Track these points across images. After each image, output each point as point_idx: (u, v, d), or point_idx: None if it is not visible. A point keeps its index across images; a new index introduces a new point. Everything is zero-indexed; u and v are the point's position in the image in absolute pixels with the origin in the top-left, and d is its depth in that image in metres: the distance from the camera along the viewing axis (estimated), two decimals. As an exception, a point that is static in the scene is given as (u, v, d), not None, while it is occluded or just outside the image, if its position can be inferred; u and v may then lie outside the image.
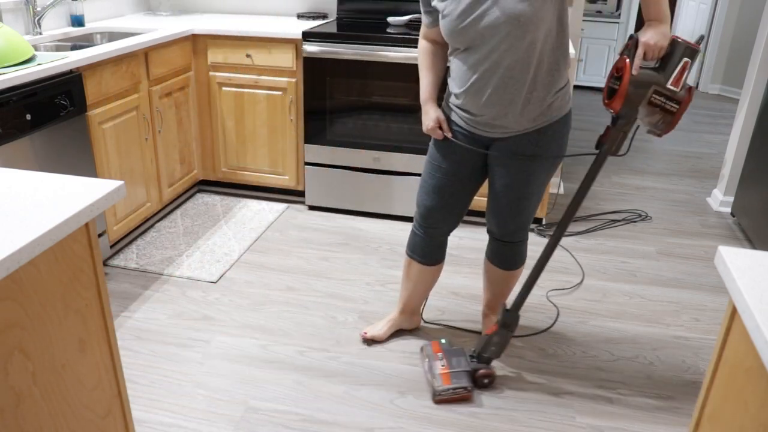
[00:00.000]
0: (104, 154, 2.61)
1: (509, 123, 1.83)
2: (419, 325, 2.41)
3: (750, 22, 6.14)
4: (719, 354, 1.09)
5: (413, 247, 2.16)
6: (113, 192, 1.16)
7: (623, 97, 1.68)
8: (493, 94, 1.78)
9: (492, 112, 1.81)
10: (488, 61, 1.74)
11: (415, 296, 2.26)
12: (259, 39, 3.12)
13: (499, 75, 1.74)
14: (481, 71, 1.76)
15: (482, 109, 1.82)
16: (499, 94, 1.77)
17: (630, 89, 1.67)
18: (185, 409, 1.97)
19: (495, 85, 1.76)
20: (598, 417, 1.99)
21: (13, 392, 1.04)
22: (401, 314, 2.33)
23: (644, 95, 1.68)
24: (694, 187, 3.93)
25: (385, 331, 2.31)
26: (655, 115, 1.71)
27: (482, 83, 1.78)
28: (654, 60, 1.67)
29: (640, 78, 1.67)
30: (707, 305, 2.62)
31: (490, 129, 1.87)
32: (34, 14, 2.81)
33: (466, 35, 1.73)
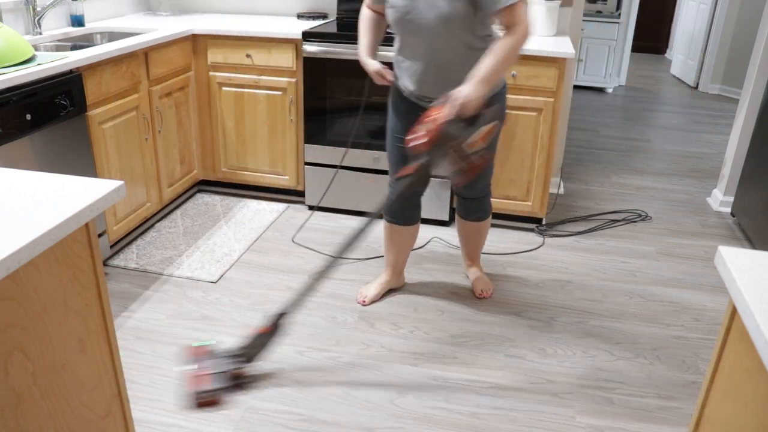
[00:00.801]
0: (104, 154, 2.61)
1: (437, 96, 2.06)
2: (404, 283, 2.68)
3: (750, 22, 6.14)
4: (719, 354, 1.09)
5: (391, 213, 2.41)
6: (113, 192, 1.16)
7: (431, 142, 1.85)
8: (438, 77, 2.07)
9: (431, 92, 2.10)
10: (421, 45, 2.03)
11: (400, 257, 2.53)
12: (259, 39, 3.12)
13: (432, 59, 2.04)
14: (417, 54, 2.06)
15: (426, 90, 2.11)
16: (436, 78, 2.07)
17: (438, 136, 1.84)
18: (185, 409, 1.97)
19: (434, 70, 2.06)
20: (598, 417, 1.99)
21: (13, 392, 1.04)
22: (391, 276, 2.59)
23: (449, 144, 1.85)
24: (694, 187, 3.93)
25: (377, 293, 2.56)
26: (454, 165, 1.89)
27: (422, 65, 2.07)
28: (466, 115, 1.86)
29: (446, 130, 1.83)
30: (707, 305, 2.62)
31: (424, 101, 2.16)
32: (34, 14, 2.81)
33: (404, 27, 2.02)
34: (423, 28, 1.99)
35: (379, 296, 2.56)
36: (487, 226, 2.55)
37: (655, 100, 6.23)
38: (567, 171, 4.09)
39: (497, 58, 1.89)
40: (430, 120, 1.86)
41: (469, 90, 1.86)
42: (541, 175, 3.03)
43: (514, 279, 2.76)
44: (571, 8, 3.30)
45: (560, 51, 2.79)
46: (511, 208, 3.15)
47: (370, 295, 2.54)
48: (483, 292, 2.61)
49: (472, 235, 2.58)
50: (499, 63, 1.89)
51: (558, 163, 3.63)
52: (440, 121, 1.82)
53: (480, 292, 2.61)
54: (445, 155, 1.87)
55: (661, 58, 8.55)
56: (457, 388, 2.09)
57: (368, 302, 2.52)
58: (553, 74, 2.84)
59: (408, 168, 1.94)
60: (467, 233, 2.58)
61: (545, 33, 3.17)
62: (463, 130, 1.85)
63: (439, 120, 1.82)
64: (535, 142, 2.98)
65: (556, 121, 2.92)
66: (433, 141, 1.84)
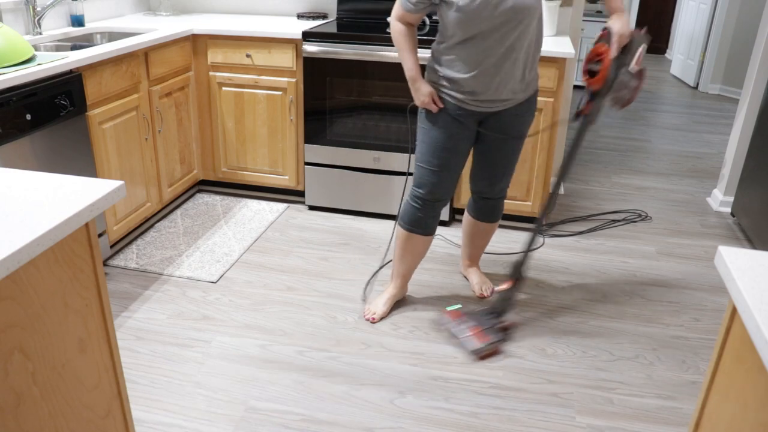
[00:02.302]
0: (104, 154, 2.61)
1: (510, 96, 2.13)
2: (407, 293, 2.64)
3: (750, 22, 6.14)
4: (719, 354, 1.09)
5: (416, 223, 2.33)
6: (113, 192, 1.16)
7: (605, 77, 2.03)
8: (506, 75, 2.06)
9: (499, 90, 2.09)
10: (501, 46, 2.00)
11: (412, 268, 2.47)
12: (259, 39, 3.12)
13: (509, 58, 2.03)
14: (494, 55, 2.02)
15: (490, 88, 2.08)
16: (510, 74, 2.07)
17: (610, 70, 2.02)
18: (185, 409, 1.97)
19: (505, 66, 2.05)
20: (598, 417, 1.99)
21: (13, 392, 1.04)
22: (401, 288, 2.51)
23: (618, 76, 2.04)
24: (694, 187, 3.93)
25: (387, 309, 2.48)
26: (621, 90, 2.07)
27: (494, 66, 2.04)
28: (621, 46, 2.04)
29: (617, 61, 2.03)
30: (707, 305, 2.62)
31: (491, 104, 2.14)
32: (34, 14, 2.81)
33: (481, 24, 1.96)
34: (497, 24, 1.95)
35: (388, 312, 2.48)
36: (495, 228, 2.55)
37: (655, 100, 6.23)
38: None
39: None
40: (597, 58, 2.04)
41: (621, 22, 2.00)
42: (541, 175, 3.04)
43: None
44: (571, 8, 3.30)
45: (560, 51, 2.79)
46: (511, 208, 3.15)
47: (380, 311, 2.44)
48: (484, 291, 2.61)
49: (479, 237, 2.57)
50: None
51: (558, 163, 3.63)
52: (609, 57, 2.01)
53: (482, 291, 2.61)
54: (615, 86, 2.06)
55: (661, 58, 8.55)
56: (457, 388, 2.09)
57: (378, 319, 2.43)
58: (553, 74, 2.84)
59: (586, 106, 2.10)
60: (475, 234, 2.56)
61: (545, 33, 3.17)
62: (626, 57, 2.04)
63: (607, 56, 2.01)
64: (535, 142, 2.98)
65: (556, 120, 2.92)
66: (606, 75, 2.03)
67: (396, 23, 2.15)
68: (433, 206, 2.30)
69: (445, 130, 2.18)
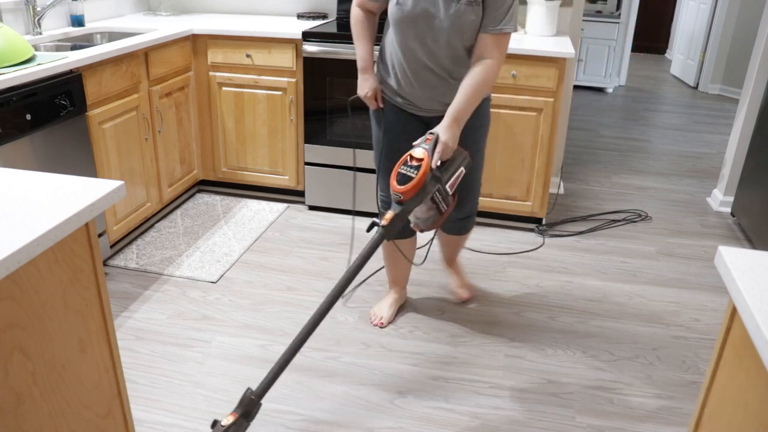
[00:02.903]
0: (104, 154, 2.61)
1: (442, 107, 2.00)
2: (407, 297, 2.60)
3: (750, 22, 6.14)
4: (719, 354, 1.09)
5: None
6: (113, 192, 1.16)
7: (417, 187, 1.75)
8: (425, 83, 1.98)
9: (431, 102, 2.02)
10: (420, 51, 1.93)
11: (400, 272, 2.44)
12: (259, 39, 3.12)
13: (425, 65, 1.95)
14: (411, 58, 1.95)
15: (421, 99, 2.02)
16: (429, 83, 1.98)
17: (425, 182, 1.75)
18: (185, 409, 1.97)
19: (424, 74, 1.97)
20: (598, 417, 1.99)
21: (13, 392, 1.04)
22: (400, 293, 2.49)
23: (431, 191, 1.79)
24: (694, 187, 3.93)
25: (393, 312, 2.45)
26: (429, 211, 1.84)
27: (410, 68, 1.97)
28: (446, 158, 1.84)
29: (435, 174, 1.78)
30: (707, 305, 2.62)
31: (429, 112, 2.07)
32: (34, 14, 2.81)
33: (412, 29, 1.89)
34: (431, 30, 1.88)
35: (394, 315, 2.44)
36: (467, 238, 2.47)
37: (655, 100, 6.23)
38: (567, 171, 4.09)
39: (473, 94, 1.84)
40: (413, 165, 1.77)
41: (449, 134, 1.82)
42: (541, 175, 3.04)
43: (514, 279, 2.76)
44: (571, 8, 3.30)
45: (560, 51, 2.79)
46: (511, 208, 3.15)
47: (387, 315, 2.41)
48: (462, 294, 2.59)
49: (453, 245, 2.49)
50: (474, 99, 1.85)
51: (558, 163, 3.63)
52: (425, 167, 1.75)
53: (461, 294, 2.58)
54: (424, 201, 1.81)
55: (661, 58, 8.55)
56: (457, 388, 2.09)
57: (386, 324, 2.39)
58: (553, 74, 2.84)
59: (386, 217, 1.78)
60: (448, 243, 2.49)
61: (545, 33, 3.17)
62: (444, 173, 1.82)
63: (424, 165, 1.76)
64: (535, 142, 2.98)
65: (556, 121, 2.92)
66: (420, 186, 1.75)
67: (354, 8, 2.07)
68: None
69: (390, 130, 2.11)
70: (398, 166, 1.78)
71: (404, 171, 1.77)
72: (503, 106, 2.95)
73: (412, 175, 1.75)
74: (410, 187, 1.74)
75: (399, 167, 1.78)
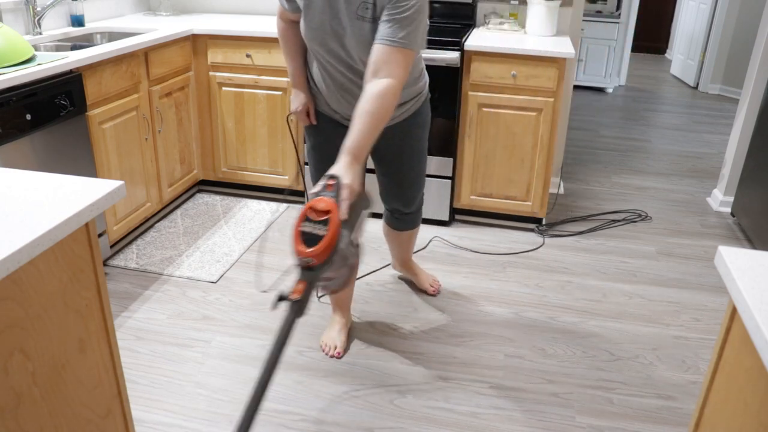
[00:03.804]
0: (104, 154, 2.61)
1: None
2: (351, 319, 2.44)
3: (750, 22, 6.14)
4: (719, 354, 1.09)
5: None
6: (113, 192, 1.16)
7: (331, 247, 1.41)
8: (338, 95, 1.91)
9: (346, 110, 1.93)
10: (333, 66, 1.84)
11: (349, 293, 2.31)
12: (259, 39, 3.12)
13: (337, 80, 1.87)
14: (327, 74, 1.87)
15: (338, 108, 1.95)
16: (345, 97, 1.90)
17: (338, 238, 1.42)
18: (185, 409, 1.97)
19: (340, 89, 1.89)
20: (598, 417, 1.99)
21: (13, 392, 1.04)
22: (347, 315, 2.34)
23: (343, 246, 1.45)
24: (694, 187, 3.93)
25: (345, 338, 2.29)
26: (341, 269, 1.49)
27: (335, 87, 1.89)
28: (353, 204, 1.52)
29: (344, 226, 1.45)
30: (707, 305, 2.62)
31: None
32: (34, 14, 2.81)
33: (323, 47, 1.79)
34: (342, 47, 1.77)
35: (346, 341, 2.28)
36: (417, 232, 2.43)
37: (655, 100, 6.23)
38: (567, 171, 4.09)
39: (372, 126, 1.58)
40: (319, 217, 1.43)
41: (351, 175, 1.52)
42: (541, 175, 3.04)
43: (514, 279, 2.76)
44: (571, 8, 3.30)
45: (560, 51, 2.79)
46: (511, 208, 3.15)
47: (340, 343, 2.25)
48: (433, 285, 2.61)
49: (404, 244, 2.46)
50: (374, 131, 1.59)
51: (558, 163, 3.63)
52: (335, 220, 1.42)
53: (432, 288, 2.61)
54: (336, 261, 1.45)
55: (661, 58, 8.55)
56: (457, 388, 2.09)
57: (342, 352, 2.24)
58: (553, 74, 2.84)
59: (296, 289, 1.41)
60: (400, 242, 2.45)
61: (545, 33, 3.17)
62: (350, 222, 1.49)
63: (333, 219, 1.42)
64: (535, 142, 2.98)
65: (556, 121, 2.92)
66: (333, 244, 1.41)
67: (278, 21, 1.94)
68: None
69: (323, 138, 2.03)
70: (299, 224, 1.43)
71: (309, 229, 1.41)
72: (503, 106, 2.95)
73: (320, 233, 1.41)
74: (322, 248, 1.39)
75: (300, 225, 1.43)
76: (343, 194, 1.47)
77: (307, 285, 1.41)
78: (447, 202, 3.16)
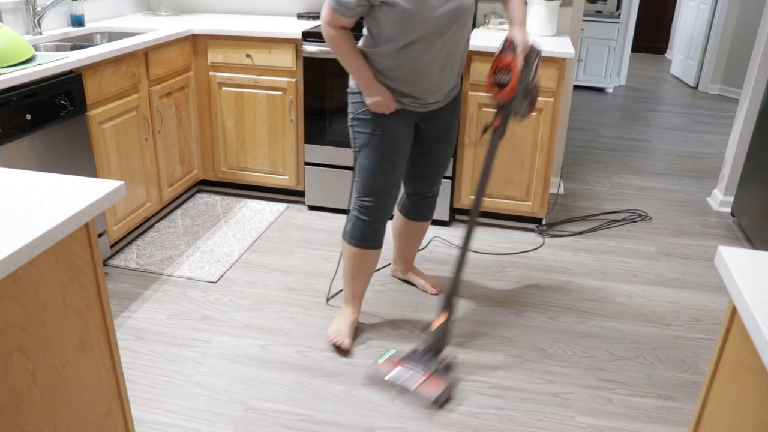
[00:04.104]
0: (104, 154, 2.61)
1: (445, 98, 2.13)
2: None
3: (750, 22, 6.14)
4: (719, 354, 1.09)
5: (368, 237, 2.19)
6: (113, 192, 1.16)
7: (515, 87, 1.99)
8: (446, 76, 2.05)
9: (438, 93, 2.08)
10: (442, 50, 1.97)
11: (366, 286, 2.32)
12: (259, 39, 3.12)
13: (450, 60, 2.01)
14: (437, 59, 1.99)
15: (429, 92, 2.06)
16: (450, 74, 2.06)
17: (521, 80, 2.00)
18: (185, 409, 1.97)
19: (447, 68, 2.03)
20: (598, 417, 1.99)
21: (13, 392, 1.04)
22: (358, 310, 2.35)
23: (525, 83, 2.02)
24: (694, 187, 3.93)
25: (352, 331, 2.30)
26: (524, 99, 2.06)
27: (436, 70, 2.01)
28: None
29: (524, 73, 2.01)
30: (707, 305, 2.62)
31: (433, 105, 2.12)
32: (34, 14, 2.81)
33: (424, 28, 1.89)
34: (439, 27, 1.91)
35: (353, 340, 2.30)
36: (428, 225, 2.52)
37: (655, 100, 6.23)
38: (567, 171, 4.09)
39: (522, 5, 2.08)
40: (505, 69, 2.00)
41: (523, 34, 2.00)
42: (541, 175, 3.04)
43: (514, 279, 2.76)
44: (571, 8, 3.30)
45: (560, 51, 2.79)
46: (511, 208, 3.15)
47: (348, 340, 2.24)
48: (435, 286, 2.62)
49: (416, 236, 2.51)
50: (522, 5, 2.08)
51: (558, 163, 3.63)
52: (518, 68, 1.98)
53: (435, 287, 2.62)
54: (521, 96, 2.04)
55: (661, 58, 8.55)
56: (457, 388, 2.09)
57: (350, 346, 2.25)
58: (553, 74, 2.84)
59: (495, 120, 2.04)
60: (412, 235, 2.50)
61: (545, 33, 3.17)
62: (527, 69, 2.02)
63: (516, 67, 1.99)
64: (535, 142, 2.98)
65: (556, 121, 2.92)
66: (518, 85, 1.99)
67: (329, 29, 1.98)
68: (385, 215, 2.18)
69: (393, 132, 2.09)
70: (490, 76, 2.02)
71: (497, 79, 2.01)
72: (503, 106, 2.95)
73: (505, 80, 1.99)
74: (509, 90, 1.99)
75: (491, 77, 2.02)
76: (520, 48, 1.97)
77: (504, 115, 2.02)
78: (447, 202, 3.16)
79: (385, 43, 1.96)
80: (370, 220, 2.17)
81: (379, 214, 2.17)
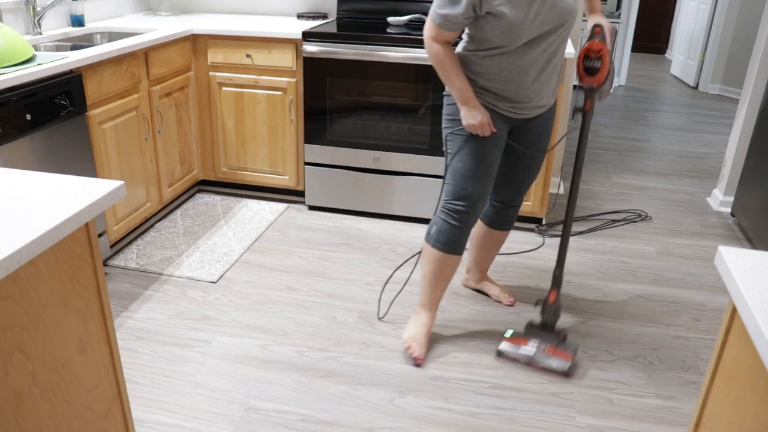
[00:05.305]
0: (104, 154, 2.61)
1: (544, 103, 2.11)
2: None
3: (750, 22, 6.14)
4: (719, 354, 1.09)
5: (454, 242, 2.14)
6: (113, 192, 1.16)
7: (606, 72, 2.08)
8: (545, 81, 2.04)
9: (537, 97, 2.06)
10: (545, 53, 1.96)
11: (444, 291, 2.28)
12: (259, 39, 3.12)
13: (550, 64, 2.00)
14: (538, 63, 1.97)
15: (529, 97, 2.04)
16: (548, 80, 2.05)
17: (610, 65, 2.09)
18: (185, 409, 1.97)
19: (546, 73, 2.02)
20: (598, 417, 1.99)
21: (13, 392, 1.04)
22: (434, 317, 2.30)
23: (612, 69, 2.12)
24: (694, 187, 3.93)
25: (428, 340, 2.27)
26: (606, 83, 2.14)
27: (537, 73, 1.99)
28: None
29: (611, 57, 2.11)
30: (707, 305, 2.62)
31: (530, 111, 2.09)
32: (34, 14, 2.81)
33: (530, 33, 1.88)
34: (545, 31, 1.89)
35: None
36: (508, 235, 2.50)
37: (655, 100, 6.23)
38: (567, 171, 4.09)
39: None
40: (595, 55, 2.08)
41: (605, 21, 2.07)
42: (541, 175, 3.03)
43: (514, 279, 2.76)
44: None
45: (560, 51, 2.79)
46: (511, 208, 3.14)
47: (421, 350, 2.21)
48: (509, 297, 2.58)
49: (495, 245, 2.48)
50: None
51: (558, 163, 3.63)
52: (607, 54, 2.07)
53: (510, 298, 2.58)
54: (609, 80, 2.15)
55: (661, 58, 8.55)
56: (457, 388, 2.09)
57: (423, 357, 2.21)
58: (553, 74, 2.84)
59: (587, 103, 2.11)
60: (492, 244, 2.47)
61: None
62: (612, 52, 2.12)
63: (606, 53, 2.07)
64: (535, 142, 2.98)
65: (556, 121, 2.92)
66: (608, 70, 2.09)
67: (433, 44, 1.95)
68: (473, 222, 2.14)
69: (488, 138, 2.06)
70: (580, 62, 2.08)
71: (589, 64, 2.08)
72: (503, 106, 2.95)
73: (597, 66, 2.07)
74: (602, 76, 2.08)
75: (582, 62, 2.09)
76: (608, 34, 2.05)
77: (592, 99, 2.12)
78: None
79: (487, 50, 1.94)
80: (459, 225, 2.12)
81: (469, 219, 2.12)
